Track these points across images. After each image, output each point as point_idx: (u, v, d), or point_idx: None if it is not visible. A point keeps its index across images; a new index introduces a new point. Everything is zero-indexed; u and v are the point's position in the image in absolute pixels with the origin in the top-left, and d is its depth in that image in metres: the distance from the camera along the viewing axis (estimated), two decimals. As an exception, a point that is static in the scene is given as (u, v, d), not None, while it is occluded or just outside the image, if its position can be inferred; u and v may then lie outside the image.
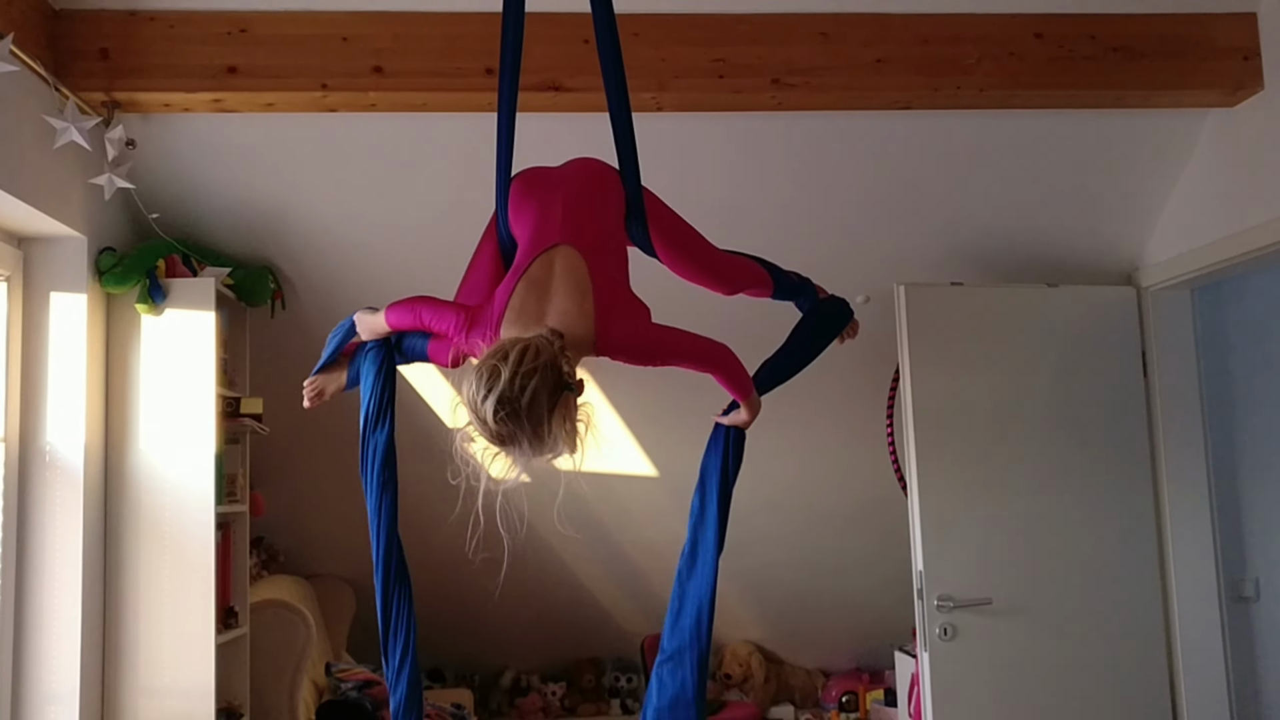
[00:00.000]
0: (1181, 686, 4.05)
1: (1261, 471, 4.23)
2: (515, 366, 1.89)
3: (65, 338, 3.45)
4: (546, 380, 1.90)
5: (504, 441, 1.94)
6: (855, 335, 2.93)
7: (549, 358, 1.92)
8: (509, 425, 1.90)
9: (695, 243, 2.51)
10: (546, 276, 2.13)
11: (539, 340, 1.95)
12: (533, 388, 1.88)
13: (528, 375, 1.88)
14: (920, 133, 3.74)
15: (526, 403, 1.88)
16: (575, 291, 2.11)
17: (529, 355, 1.91)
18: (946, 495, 3.96)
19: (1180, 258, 3.96)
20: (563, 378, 1.93)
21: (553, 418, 1.92)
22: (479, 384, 1.91)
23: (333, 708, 4.48)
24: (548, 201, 2.29)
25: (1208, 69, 3.52)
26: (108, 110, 3.37)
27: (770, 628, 6.05)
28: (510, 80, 2.38)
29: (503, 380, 1.88)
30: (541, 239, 2.20)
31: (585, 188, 2.35)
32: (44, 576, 3.39)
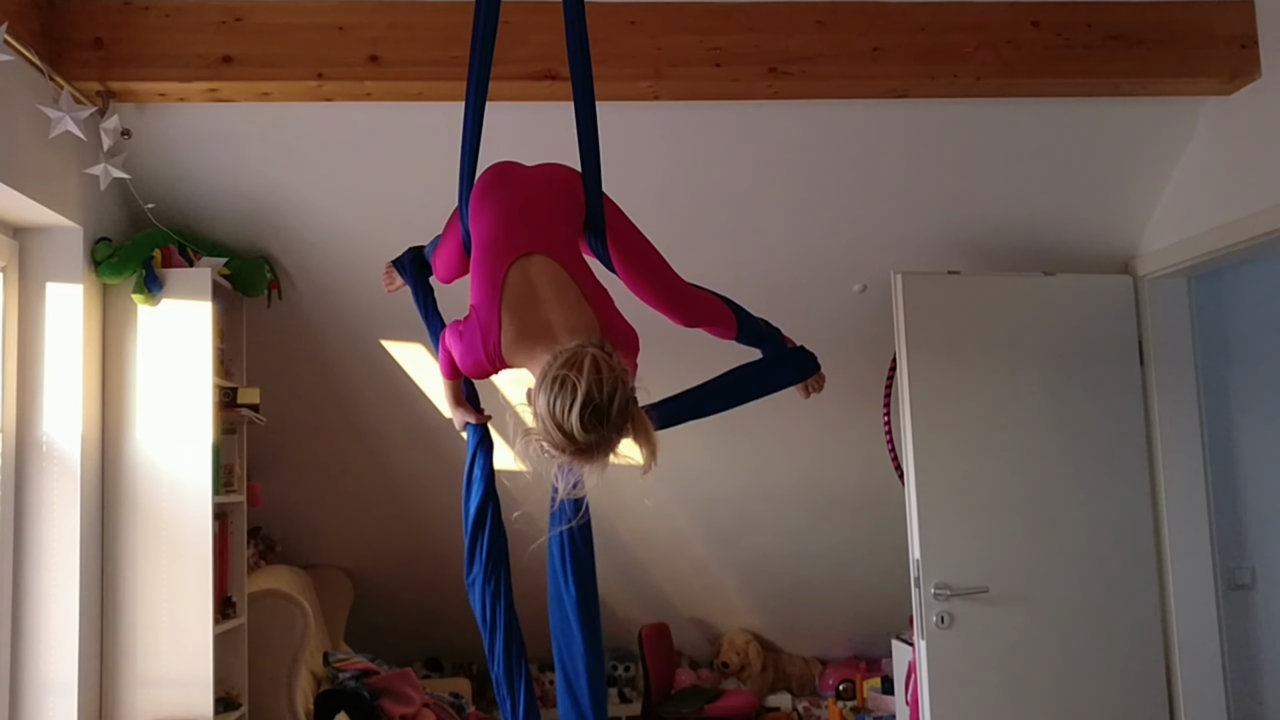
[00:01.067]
0: (1178, 673, 4.06)
1: (1258, 459, 4.24)
2: (595, 375, 1.85)
3: (61, 328, 3.44)
4: (624, 389, 1.88)
5: (587, 452, 1.90)
6: (820, 389, 2.85)
7: (620, 369, 1.90)
8: (597, 434, 1.86)
9: (655, 263, 2.43)
10: (530, 289, 2.08)
11: (597, 353, 1.91)
12: (620, 397, 1.86)
13: (611, 385, 1.86)
14: (917, 121, 3.74)
15: (615, 410, 1.86)
16: (567, 298, 2.07)
17: (603, 367, 1.87)
18: (943, 484, 3.97)
19: (1177, 246, 3.96)
20: (629, 387, 1.92)
21: (634, 427, 1.92)
22: (561, 397, 1.85)
23: (331, 697, 4.49)
24: (510, 203, 2.24)
25: (1204, 57, 3.51)
26: (103, 100, 3.35)
27: (767, 616, 6.06)
28: (480, 71, 2.34)
29: (591, 391, 1.84)
30: (507, 249, 2.13)
31: (549, 190, 2.29)
32: (41, 567, 3.39)
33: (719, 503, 5.31)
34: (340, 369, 4.54)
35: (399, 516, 5.29)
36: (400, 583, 5.61)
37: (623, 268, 2.40)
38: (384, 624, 5.74)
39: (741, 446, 5.06)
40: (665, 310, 2.50)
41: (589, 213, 2.32)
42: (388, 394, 4.67)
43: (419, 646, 5.94)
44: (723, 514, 5.38)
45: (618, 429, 1.89)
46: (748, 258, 4.08)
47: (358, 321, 4.32)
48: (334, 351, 4.46)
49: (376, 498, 5.20)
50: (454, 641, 6.02)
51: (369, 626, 5.66)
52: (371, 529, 5.40)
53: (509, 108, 3.12)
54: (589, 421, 1.84)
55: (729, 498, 5.28)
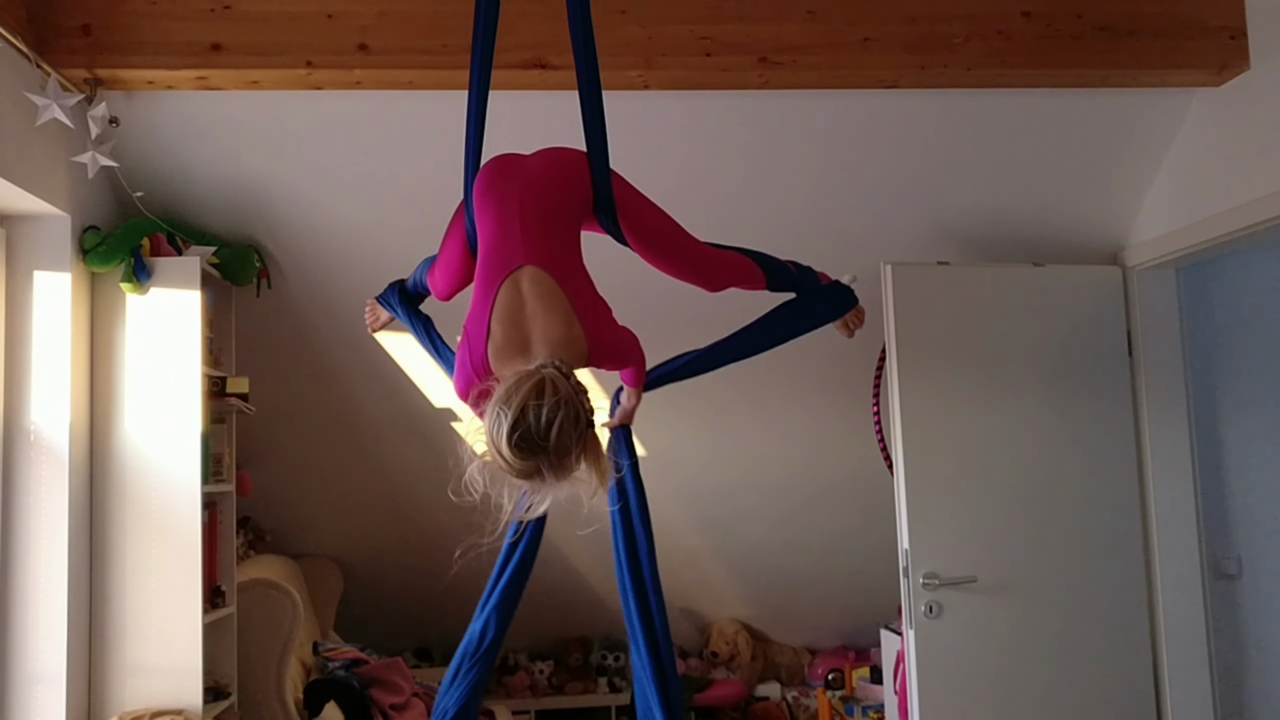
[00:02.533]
0: (1164, 663, 4.09)
1: (1245, 449, 4.26)
2: (535, 402, 1.87)
3: (49, 317, 3.43)
4: (569, 416, 1.89)
5: (527, 476, 1.92)
6: (861, 324, 2.88)
7: (566, 394, 1.91)
8: (532, 461, 1.89)
9: (672, 234, 2.44)
10: (519, 301, 2.09)
11: (549, 374, 1.93)
12: (557, 425, 1.87)
13: (551, 412, 1.86)
14: (907, 111, 3.74)
15: (553, 439, 1.87)
16: (556, 311, 2.08)
17: (547, 391, 1.89)
18: (932, 474, 3.98)
19: (1165, 237, 3.97)
20: (582, 412, 1.93)
21: (579, 453, 1.94)
22: (498, 421, 1.88)
23: (320, 686, 4.49)
24: (506, 208, 2.22)
25: (1194, 48, 3.52)
26: (90, 87, 3.34)
27: (757, 606, 6.08)
28: (482, 68, 2.35)
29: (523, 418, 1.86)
30: (504, 261, 2.14)
31: (544, 187, 2.28)
32: (29, 556, 3.38)
33: (709, 493, 5.32)
34: (330, 358, 4.54)
35: (389, 506, 5.29)
36: (390, 572, 5.61)
37: (638, 244, 2.40)
38: (373, 613, 5.74)
39: (732, 437, 5.07)
40: (688, 279, 2.52)
41: (597, 194, 2.32)
42: (377, 383, 4.66)
43: (409, 636, 5.95)
44: (712, 504, 5.38)
45: (558, 454, 1.89)
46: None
47: (347, 310, 4.31)
48: (323, 340, 4.45)
49: (366, 487, 5.19)
50: (443, 631, 6.02)
51: (358, 616, 5.66)
52: (361, 518, 5.40)
53: (499, 96, 3.11)
54: (519, 448, 1.87)
55: (718, 488, 5.29)
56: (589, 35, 2.32)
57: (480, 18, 2.34)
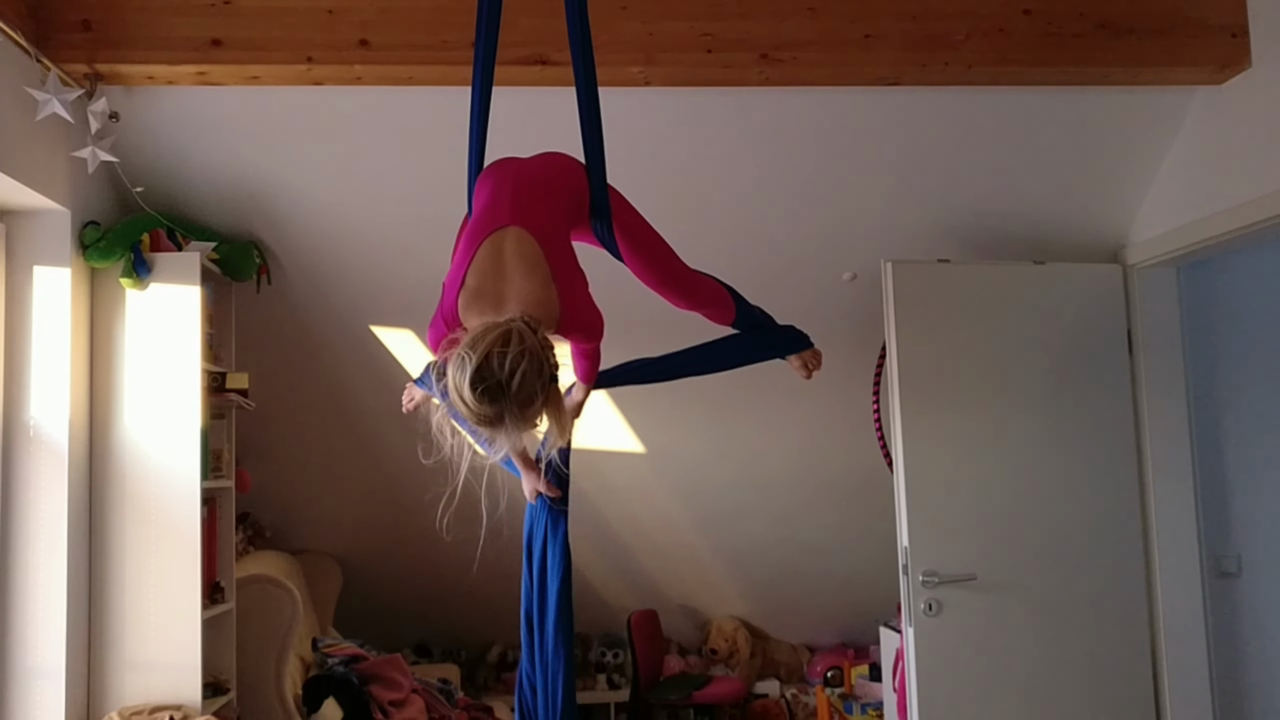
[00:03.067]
0: (1163, 661, 4.09)
1: (1245, 448, 4.26)
2: (499, 349, 1.86)
3: (49, 312, 3.43)
4: (533, 365, 1.88)
5: (489, 423, 1.91)
6: (819, 366, 2.89)
7: (532, 345, 1.89)
8: (494, 407, 1.87)
9: (660, 251, 2.46)
10: (498, 258, 2.08)
11: (518, 326, 1.92)
12: (520, 372, 1.85)
13: (515, 360, 1.86)
14: (908, 109, 3.73)
15: (515, 386, 1.86)
16: (534, 272, 2.06)
17: (513, 339, 1.88)
18: (932, 472, 3.98)
19: (1166, 235, 3.97)
20: (546, 365, 1.92)
21: (541, 403, 1.92)
22: (460, 368, 1.87)
23: (319, 682, 4.49)
24: (500, 184, 2.25)
25: (1195, 46, 3.51)
26: (90, 82, 3.33)
27: (756, 603, 6.08)
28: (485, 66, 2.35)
29: (487, 363, 1.85)
30: (489, 221, 2.14)
31: (541, 174, 2.31)
32: (29, 552, 3.38)
33: (708, 490, 5.32)
34: (329, 354, 4.53)
35: (388, 503, 5.29)
36: (389, 569, 5.62)
37: (629, 254, 2.43)
38: (373, 610, 5.75)
39: (731, 434, 5.07)
40: (666, 294, 2.53)
41: (594, 201, 2.34)
42: (377, 380, 4.66)
43: (408, 632, 5.95)
44: (712, 501, 5.39)
45: (519, 404, 1.88)
46: (738, 245, 4.08)
47: (347, 307, 4.31)
48: (323, 337, 4.45)
49: (366, 484, 5.19)
50: (443, 627, 6.04)
51: (358, 612, 5.66)
52: (360, 515, 5.40)
53: (499, 92, 3.10)
54: (481, 394, 1.86)
55: (718, 485, 5.29)
56: (586, 34, 2.33)
57: (483, 12, 2.34)
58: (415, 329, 4.41)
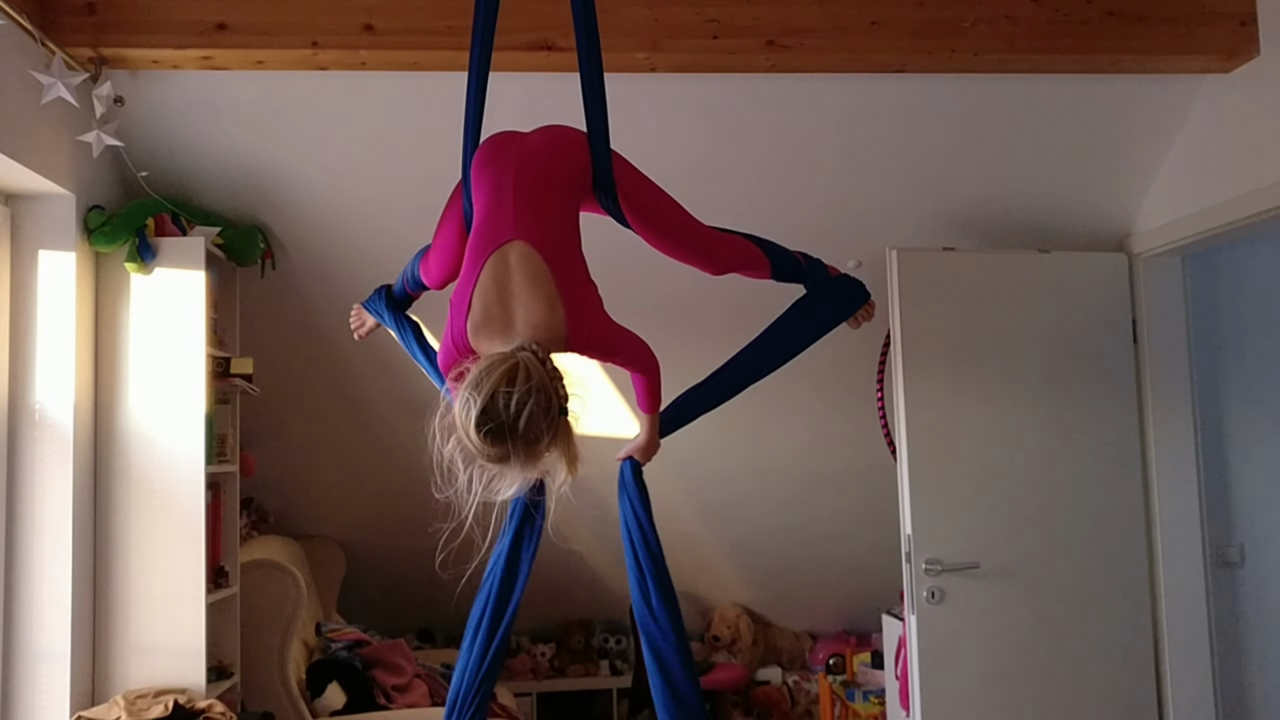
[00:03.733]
0: (1166, 650, 4.09)
1: (1249, 438, 4.25)
2: (505, 389, 1.84)
3: (54, 296, 3.43)
4: (540, 403, 1.86)
5: (496, 461, 1.90)
6: (871, 318, 2.75)
7: (539, 381, 1.87)
8: (499, 448, 1.86)
9: (673, 215, 2.40)
10: (505, 277, 2.05)
11: (525, 360, 1.89)
12: (527, 412, 1.84)
13: (521, 400, 1.83)
14: (914, 96, 3.72)
15: (522, 427, 1.84)
16: (540, 292, 2.03)
17: (519, 378, 1.86)
18: (935, 460, 3.98)
19: (1172, 225, 3.96)
20: (554, 399, 1.90)
21: (549, 440, 1.91)
22: (467, 407, 1.85)
23: (323, 667, 4.51)
24: (501, 182, 2.19)
25: (1204, 34, 3.50)
26: (95, 66, 3.33)
27: (758, 591, 6.09)
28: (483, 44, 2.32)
29: (492, 403, 1.84)
30: (493, 235, 2.11)
31: (542, 163, 2.24)
32: (34, 536, 3.39)
33: (711, 478, 5.32)
34: (334, 339, 4.53)
35: (392, 488, 5.29)
36: (393, 554, 5.62)
37: (638, 224, 2.37)
38: (376, 595, 5.76)
39: (734, 422, 5.06)
40: (690, 261, 2.47)
41: (597, 173, 2.29)
42: (381, 365, 4.66)
43: (411, 618, 5.96)
44: (715, 489, 5.39)
45: (527, 442, 1.87)
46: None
47: (351, 292, 4.28)
48: (327, 322, 4.45)
49: (370, 469, 5.20)
50: (446, 613, 6.02)
51: (361, 597, 5.68)
52: (365, 500, 5.41)
53: (505, 78, 3.10)
54: (486, 435, 1.84)
55: (721, 473, 5.29)
56: (590, 10, 2.30)
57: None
58: (419, 314, 4.41)
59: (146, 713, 3.38)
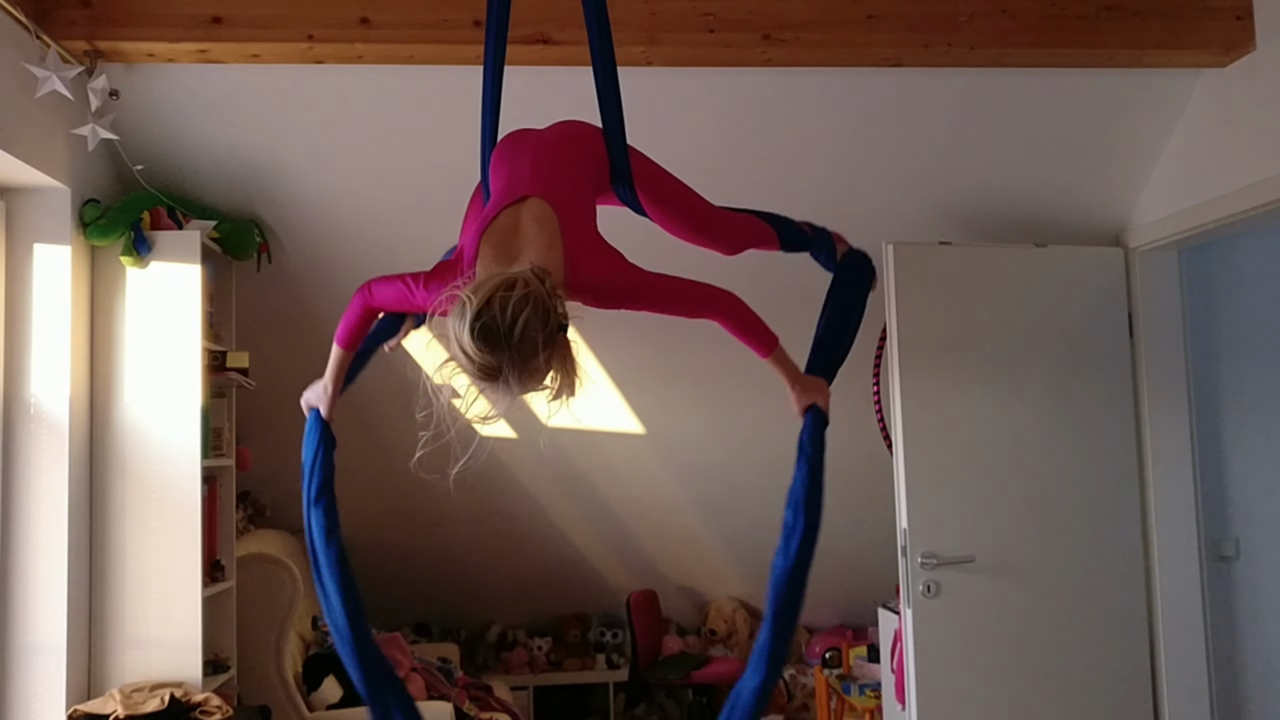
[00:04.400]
0: (1161, 644, 4.10)
1: (1244, 432, 4.26)
2: (503, 293, 1.76)
3: (49, 290, 3.43)
4: (537, 313, 1.77)
5: (489, 375, 1.79)
6: (874, 287, 2.77)
7: (538, 291, 1.78)
8: (494, 356, 1.76)
9: (687, 200, 2.42)
10: (514, 226, 2.01)
11: (524, 274, 1.81)
12: (524, 319, 1.74)
13: (518, 305, 1.75)
14: (911, 90, 3.72)
15: (517, 334, 1.75)
16: (545, 239, 1.99)
17: (517, 286, 1.77)
18: (932, 454, 3.98)
19: (1168, 219, 3.96)
20: (553, 314, 1.80)
21: (547, 356, 1.80)
22: (461, 313, 1.76)
23: (320, 660, 4.51)
24: (519, 158, 2.21)
25: (1200, 28, 3.50)
26: (90, 59, 3.32)
27: (755, 584, 6.09)
28: (496, 42, 2.32)
29: (488, 308, 1.75)
30: (510, 191, 2.09)
31: (560, 145, 2.28)
32: (30, 530, 3.39)
33: (707, 472, 5.33)
34: (330, 333, 4.48)
35: (388, 483, 5.28)
36: (389, 548, 5.63)
37: (655, 209, 2.41)
38: (372, 589, 5.71)
39: (731, 415, 5.07)
40: (707, 243, 2.52)
41: (614, 166, 2.32)
42: (377, 359, 4.65)
43: (407, 612, 5.97)
44: (711, 482, 5.39)
45: (522, 352, 1.76)
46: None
47: (347, 285, 4.25)
48: (323, 315, 4.44)
49: (365, 464, 5.19)
50: (442, 607, 6.06)
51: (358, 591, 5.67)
52: (360, 495, 5.40)
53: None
54: (480, 340, 1.75)
55: (717, 466, 5.29)
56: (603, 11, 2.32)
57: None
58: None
59: (142, 706, 3.38)
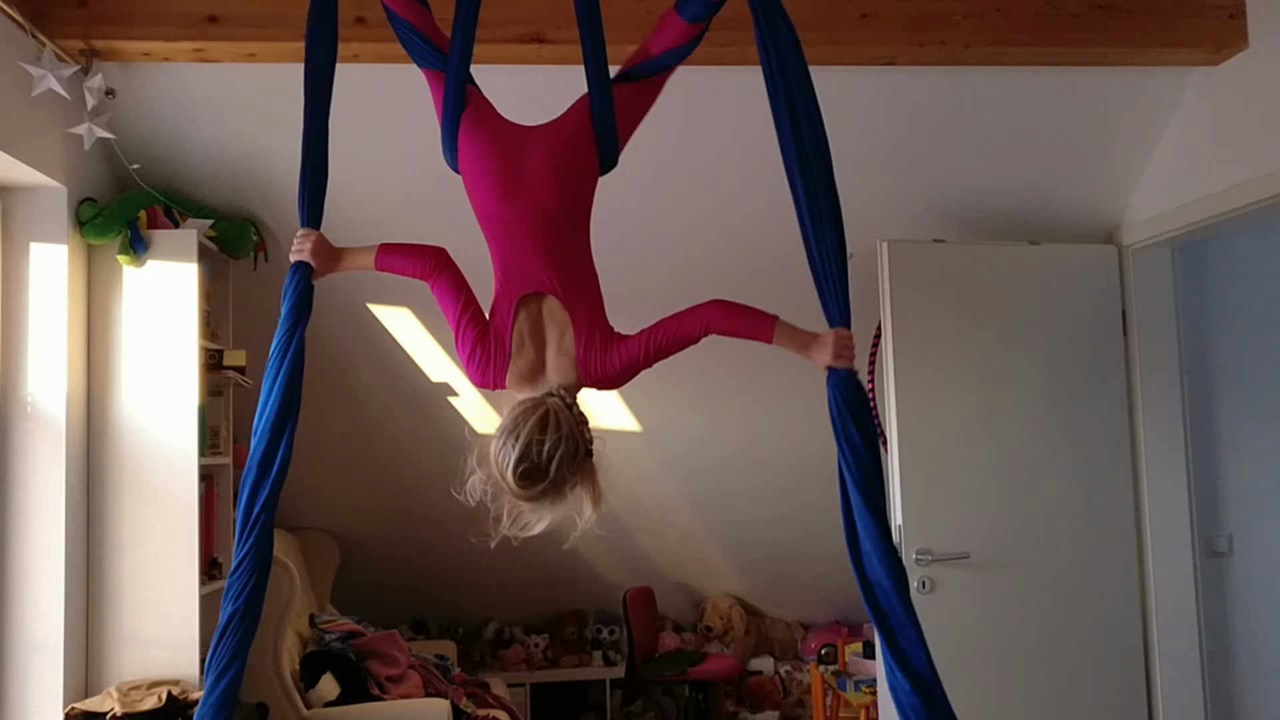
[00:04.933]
0: (1155, 640, 4.11)
1: (1238, 429, 4.27)
2: (538, 437, 2.04)
3: (46, 289, 3.44)
4: (569, 450, 2.06)
5: (527, 500, 2.10)
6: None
7: (569, 429, 2.07)
8: (533, 490, 2.07)
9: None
10: (537, 325, 2.25)
11: (555, 407, 2.09)
12: (558, 459, 2.04)
13: (552, 449, 2.04)
14: (905, 89, 3.73)
15: (552, 472, 2.04)
16: (564, 340, 2.24)
17: (550, 425, 2.06)
18: (926, 451, 4.00)
19: (1161, 216, 3.97)
20: (581, 444, 2.09)
21: (575, 481, 2.10)
22: (504, 452, 2.05)
23: (317, 658, 4.52)
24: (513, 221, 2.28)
25: (1193, 27, 3.51)
26: (86, 58, 3.33)
27: (751, 581, 6.11)
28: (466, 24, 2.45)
29: (527, 454, 2.04)
30: (523, 280, 2.26)
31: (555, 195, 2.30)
32: (27, 528, 3.40)
33: (704, 469, 5.34)
34: (326, 332, 4.53)
35: (385, 480, 5.30)
36: (386, 546, 5.64)
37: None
38: (370, 586, 5.77)
39: (727, 413, 5.08)
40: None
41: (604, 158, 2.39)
42: (374, 358, 4.67)
43: (405, 609, 5.98)
44: (707, 481, 5.40)
45: (556, 484, 2.07)
46: (734, 224, 4.08)
47: (344, 285, 4.30)
48: (320, 315, 4.38)
49: (363, 461, 5.21)
50: (440, 604, 6.06)
51: (355, 589, 5.68)
52: (358, 492, 5.41)
53: (497, 71, 3.11)
54: (522, 479, 2.06)
55: (714, 464, 5.30)
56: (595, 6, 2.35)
57: None
58: (412, 307, 4.42)
59: (140, 704, 3.38)
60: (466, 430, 2.30)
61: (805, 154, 2.43)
